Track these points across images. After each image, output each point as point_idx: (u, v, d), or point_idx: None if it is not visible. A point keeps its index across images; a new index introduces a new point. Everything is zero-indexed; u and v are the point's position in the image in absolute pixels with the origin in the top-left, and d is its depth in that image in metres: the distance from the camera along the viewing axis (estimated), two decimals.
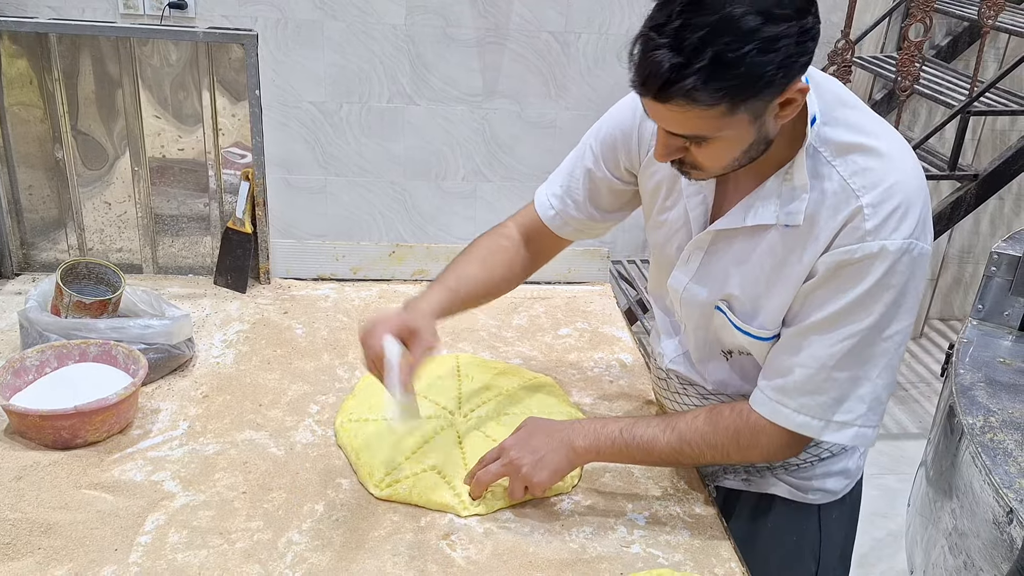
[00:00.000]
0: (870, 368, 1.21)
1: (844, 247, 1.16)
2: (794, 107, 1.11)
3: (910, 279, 1.16)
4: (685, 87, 1.03)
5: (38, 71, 1.86)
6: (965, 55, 3.86)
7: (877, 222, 1.14)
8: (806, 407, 1.23)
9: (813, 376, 1.21)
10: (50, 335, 1.58)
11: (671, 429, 1.31)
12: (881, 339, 1.19)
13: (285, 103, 2.95)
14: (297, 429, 1.53)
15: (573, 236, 1.53)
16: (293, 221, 3.08)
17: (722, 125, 1.08)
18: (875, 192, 1.14)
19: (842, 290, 1.17)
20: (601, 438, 1.33)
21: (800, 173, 1.17)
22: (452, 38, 2.71)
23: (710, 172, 1.19)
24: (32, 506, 1.31)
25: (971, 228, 4.36)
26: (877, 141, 1.17)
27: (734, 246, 1.27)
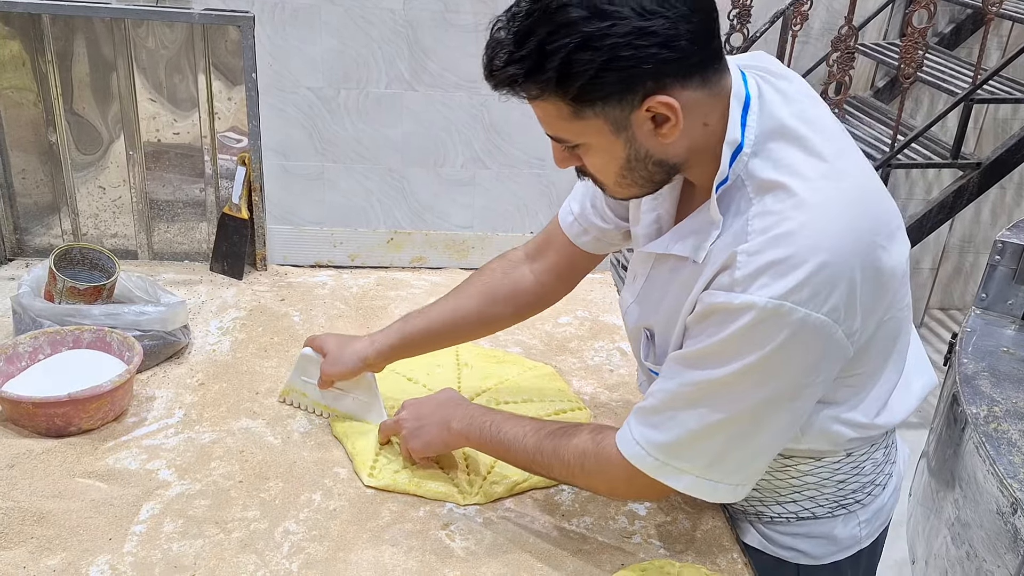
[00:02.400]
0: (718, 427, 1.08)
1: (713, 291, 1.06)
2: (670, 126, 1.02)
3: (783, 347, 1.01)
4: (508, 73, 1.00)
5: (31, 53, 1.84)
6: (968, 42, 3.84)
7: (747, 273, 1.01)
8: (647, 439, 1.13)
9: (659, 408, 1.12)
10: (43, 321, 1.56)
11: (534, 434, 1.24)
12: (732, 399, 1.07)
13: (282, 88, 2.92)
14: (294, 418, 1.51)
15: (595, 248, 1.41)
16: (290, 207, 3.06)
17: (577, 130, 1.04)
18: (761, 239, 1.01)
19: (705, 334, 1.07)
20: (473, 426, 1.30)
21: (713, 207, 1.08)
22: (451, 23, 2.68)
23: (609, 187, 1.13)
24: (25, 495, 1.29)
25: (972, 217, 4.34)
26: (801, 183, 1.02)
27: (664, 272, 1.19)
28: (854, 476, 1.29)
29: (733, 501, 1.17)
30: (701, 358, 1.07)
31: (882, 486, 1.35)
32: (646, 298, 1.24)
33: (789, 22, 3.34)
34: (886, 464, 1.36)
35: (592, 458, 1.19)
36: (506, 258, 1.48)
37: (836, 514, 1.30)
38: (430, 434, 1.35)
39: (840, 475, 1.28)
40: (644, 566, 1.21)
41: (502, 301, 1.45)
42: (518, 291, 1.45)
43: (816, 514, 1.30)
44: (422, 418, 1.36)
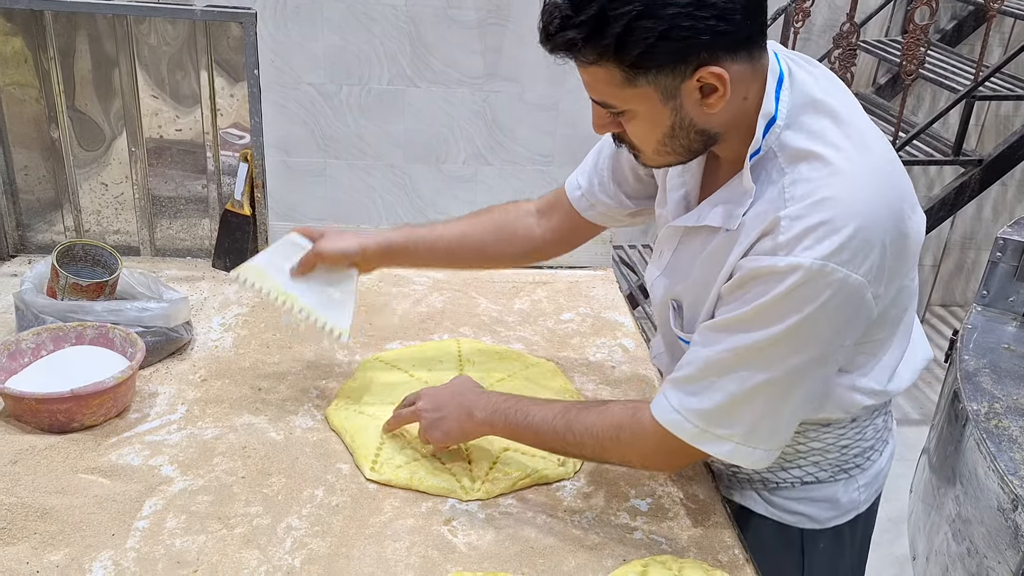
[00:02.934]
0: (759, 391, 1.11)
1: (756, 256, 1.08)
2: (719, 97, 1.05)
3: (823, 307, 1.04)
4: (567, 37, 1.03)
5: (33, 49, 1.84)
6: (970, 39, 3.84)
7: (790, 236, 1.04)
8: (685, 406, 1.15)
9: (696, 376, 1.14)
10: (46, 317, 1.57)
11: (562, 415, 1.26)
12: (772, 362, 1.09)
13: (284, 84, 2.92)
14: (296, 414, 1.52)
15: (599, 220, 1.47)
16: (292, 203, 3.06)
17: (627, 97, 1.07)
18: (801, 204, 1.05)
19: (745, 299, 1.09)
20: (497, 413, 1.31)
21: (747, 175, 1.11)
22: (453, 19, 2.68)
23: (646, 155, 1.16)
24: (28, 491, 1.29)
25: (973, 214, 4.34)
26: (835, 152, 1.07)
27: (695, 245, 1.22)
28: (856, 441, 1.33)
29: (764, 466, 1.19)
30: (742, 323, 1.10)
31: (880, 451, 1.40)
32: (674, 270, 1.27)
33: (791, 19, 3.34)
34: (884, 430, 1.40)
35: (628, 431, 1.20)
36: (519, 205, 1.52)
37: (838, 478, 1.35)
38: (451, 424, 1.34)
39: (845, 440, 1.32)
40: (646, 562, 1.21)
41: (508, 240, 1.50)
42: (525, 237, 1.50)
43: (820, 478, 1.34)
44: (441, 408, 1.35)
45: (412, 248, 1.49)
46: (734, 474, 1.39)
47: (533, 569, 1.22)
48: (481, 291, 1.97)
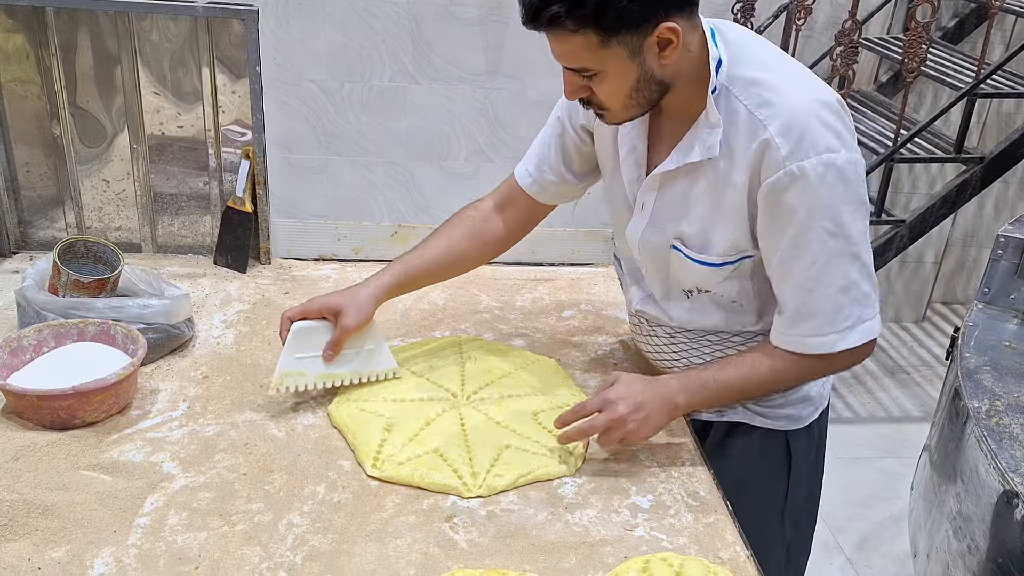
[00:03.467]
0: (849, 272, 1.31)
1: (769, 179, 1.27)
2: (673, 49, 1.24)
3: (844, 187, 1.27)
4: (551, 12, 1.19)
5: (35, 46, 1.84)
6: (971, 37, 3.83)
7: (790, 147, 1.25)
8: (813, 329, 1.34)
9: (805, 301, 1.33)
10: (47, 314, 1.57)
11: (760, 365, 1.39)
12: (848, 245, 1.30)
13: (286, 81, 2.92)
14: (298, 410, 1.52)
15: (551, 200, 1.64)
16: (294, 201, 3.06)
17: (601, 59, 1.24)
18: (779, 121, 1.26)
19: (785, 219, 1.29)
20: (696, 392, 1.40)
21: (712, 111, 1.31)
22: (455, 16, 2.68)
23: (613, 112, 1.33)
24: (30, 487, 1.29)
25: (975, 211, 4.34)
26: (776, 74, 1.30)
27: (676, 187, 1.39)
28: None
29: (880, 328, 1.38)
30: (800, 240, 1.29)
31: None
32: (659, 218, 1.42)
33: (793, 16, 3.33)
34: None
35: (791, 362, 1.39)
36: (478, 208, 1.66)
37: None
38: (658, 418, 1.38)
39: None
40: (647, 559, 1.21)
41: (482, 244, 1.64)
42: (494, 236, 1.65)
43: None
44: (642, 406, 1.36)
45: (409, 281, 1.60)
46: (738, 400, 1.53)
47: (534, 566, 1.22)
48: (483, 288, 1.97)
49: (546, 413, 1.50)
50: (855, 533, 3.03)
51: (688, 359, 1.53)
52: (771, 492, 1.59)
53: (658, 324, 1.55)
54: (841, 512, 3.12)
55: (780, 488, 1.59)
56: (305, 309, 1.52)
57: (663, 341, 1.56)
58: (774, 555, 1.63)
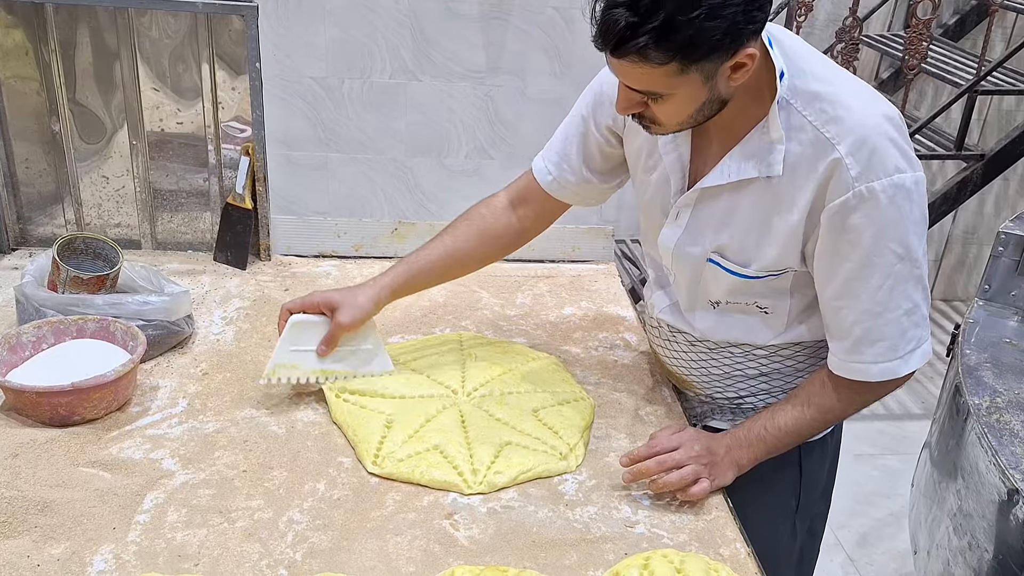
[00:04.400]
0: (913, 295, 1.29)
1: (838, 199, 1.23)
2: (744, 71, 1.18)
3: (911, 208, 1.24)
4: (638, 44, 1.11)
5: (34, 42, 1.84)
6: (972, 34, 3.83)
7: (860, 168, 1.21)
8: (878, 355, 1.31)
9: (872, 327, 1.30)
10: (47, 311, 1.56)
11: (808, 406, 1.38)
12: (913, 268, 1.27)
13: (286, 78, 2.92)
14: (298, 407, 1.52)
15: (571, 200, 1.58)
16: (294, 197, 3.06)
17: (674, 84, 1.17)
18: (849, 140, 1.21)
19: (852, 240, 1.25)
20: (755, 447, 1.38)
21: (775, 126, 1.25)
22: (455, 13, 2.67)
23: (667, 127, 1.27)
24: (29, 484, 1.29)
25: (975, 209, 4.33)
26: (840, 89, 1.25)
27: (721, 202, 1.34)
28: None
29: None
30: (869, 261, 1.25)
31: None
32: (697, 230, 1.38)
33: (794, 12, 3.33)
34: None
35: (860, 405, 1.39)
36: (491, 204, 1.60)
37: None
38: (728, 475, 1.37)
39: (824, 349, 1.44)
40: (647, 556, 1.21)
41: (492, 241, 1.59)
42: (508, 233, 1.59)
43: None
44: (715, 466, 1.35)
45: (413, 282, 1.57)
46: (753, 407, 1.53)
47: (535, 563, 1.21)
48: (483, 285, 1.97)
49: (546, 410, 1.50)
50: (856, 530, 3.03)
51: (707, 369, 1.52)
52: (784, 505, 1.57)
53: (679, 331, 1.53)
54: (842, 509, 3.11)
55: (792, 501, 1.57)
56: (304, 303, 1.52)
57: (682, 349, 1.54)
58: (786, 562, 1.63)
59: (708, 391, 1.56)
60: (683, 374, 1.57)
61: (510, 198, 1.60)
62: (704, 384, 1.55)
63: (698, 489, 1.31)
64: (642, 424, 1.53)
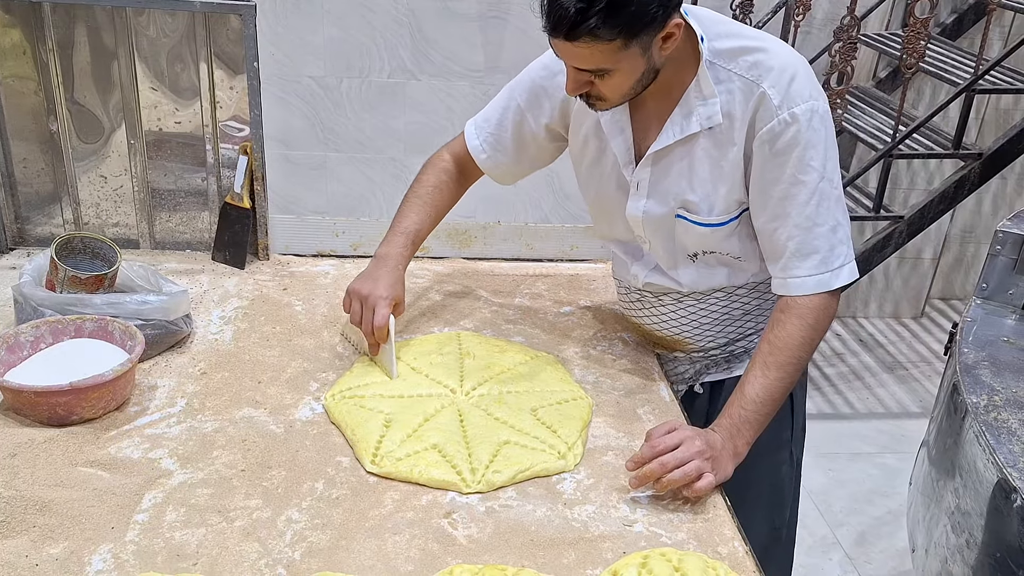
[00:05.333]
0: (836, 212, 1.43)
1: (765, 127, 1.38)
2: (673, 40, 1.33)
3: (826, 132, 1.40)
4: (589, 26, 1.24)
5: (32, 41, 1.84)
6: (970, 33, 3.83)
7: (781, 96, 1.37)
8: (812, 268, 1.43)
9: (804, 240, 1.42)
10: (45, 310, 1.56)
11: (767, 368, 1.43)
12: (832, 187, 1.42)
13: (284, 77, 2.91)
14: (296, 407, 1.52)
15: (500, 179, 1.74)
16: (292, 196, 3.06)
17: (619, 58, 1.30)
18: (771, 76, 1.38)
19: (782, 161, 1.39)
20: (744, 431, 1.41)
21: (706, 83, 1.41)
22: (453, 12, 2.67)
23: (611, 101, 1.40)
24: (27, 484, 1.29)
25: (973, 208, 4.34)
26: (755, 41, 1.42)
27: (673, 162, 1.48)
28: None
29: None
30: (796, 179, 1.39)
31: None
32: (658, 193, 1.51)
33: (791, 12, 3.33)
34: None
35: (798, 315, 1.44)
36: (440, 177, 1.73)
37: None
38: (729, 467, 1.39)
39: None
40: (646, 554, 1.21)
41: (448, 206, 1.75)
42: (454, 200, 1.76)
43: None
44: (716, 460, 1.36)
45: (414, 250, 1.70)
46: (744, 350, 1.66)
47: (533, 562, 1.22)
48: (481, 284, 1.97)
49: (544, 409, 1.50)
50: (854, 528, 3.04)
51: (698, 320, 1.64)
52: (780, 433, 1.67)
53: (665, 293, 1.64)
54: (840, 507, 3.12)
55: (786, 429, 1.69)
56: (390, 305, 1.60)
57: (670, 308, 1.65)
58: (788, 494, 1.75)
59: (701, 343, 1.67)
60: (674, 334, 1.68)
61: (456, 165, 1.73)
62: (697, 337, 1.66)
63: (703, 484, 1.32)
64: (640, 423, 1.53)
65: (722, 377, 1.69)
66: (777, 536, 1.77)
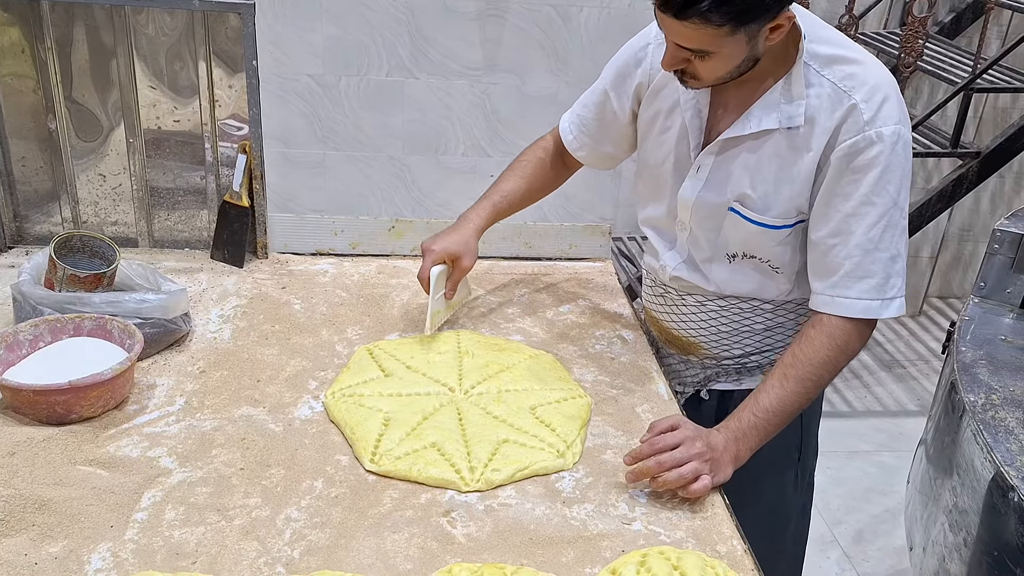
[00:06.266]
0: (899, 243, 1.40)
1: (849, 140, 1.35)
2: (781, 32, 1.30)
3: (907, 159, 1.37)
4: (701, 9, 1.22)
5: (30, 40, 1.83)
6: (968, 32, 3.83)
7: (872, 113, 1.34)
8: (863, 292, 1.40)
9: (862, 262, 1.39)
10: (44, 309, 1.56)
11: (786, 380, 1.41)
12: (901, 217, 1.39)
13: (283, 76, 2.90)
14: (295, 405, 1.52)
15: (590, 162, 1.75)
16: (291, 195, 3.04)
17: (724, 43, 1.28)
18: (864, 90, 1.35)
19: (858, 178, 1.36)
20: (750, 437, 1.40)
21: (798, 83, 1.38)
22: (452, 10, 2.67)
23: (705, 82, 1.38)
24: (26, 482, 1.29)
25: (971, 206, 4.34)
26: (853, 52, 1.39)
27: (740, 153, 1.45)
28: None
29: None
30: (868, 200, 1.36)
31: None
32: (718, 181, 1.48)
33: None
34: None
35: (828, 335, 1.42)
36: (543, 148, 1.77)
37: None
38: (728, 470, 1.38)
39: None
40: (644, 553, 1.21)
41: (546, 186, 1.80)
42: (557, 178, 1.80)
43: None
44: (715, 462, 1.35)
45: (495, 220, 1.74)
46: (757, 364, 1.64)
47: (532, 560, 1.22)
48: (480, 283, 1.97)
49: (543, 408, 1.50)
50: (851, 527, 3.04)
51: (716, 326, 1.62)
52: (787, 451, 1.65)
53: (689, 293, 1.62)
54: (838, 506, 3.12)
55: (794, 450, 1.67)
56: (435, 257, 1.65)
57: (692, 310, 1.63)
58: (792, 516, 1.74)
59: (716, 351, 1.64)
60: (691, 336, 1.66)
61: (555, 145, 1.76)
62: (712, 343, 1.64)
63: (699, 486, 1.32)
64: (639, 421, 1.53)
65: (731, 387, 1.67)
66: (776, 559, 1.73)
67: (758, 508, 1.60)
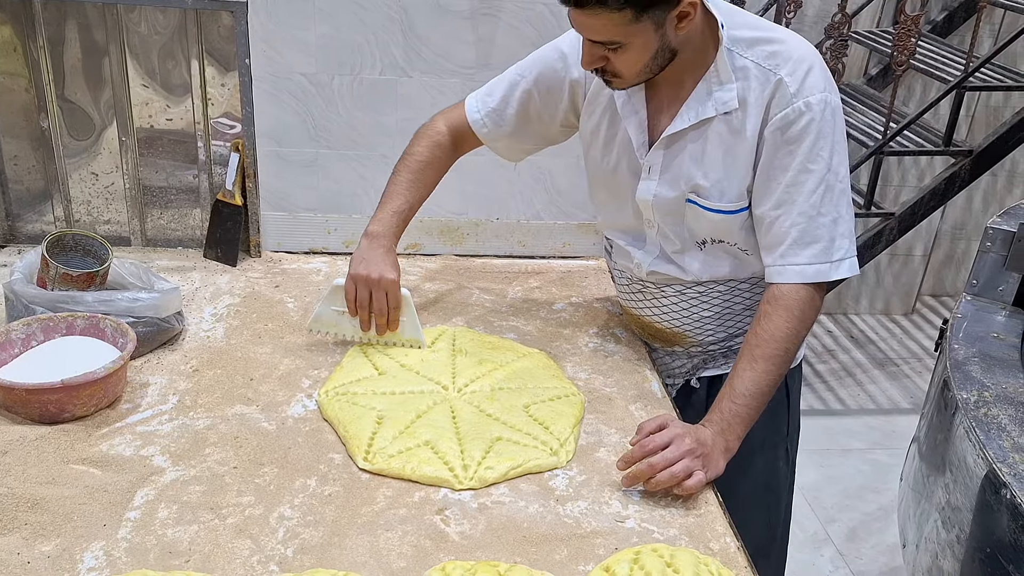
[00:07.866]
0: (840, 206, 1.44)
1: (779, 113, 1.41)
2: (689, 20, 1.35)
3: (837, 125, 1.42)
4: None
5: (22, 38, 1.83)
6: (961, 30, 3.84)
7: (797, 85, 1.40)
8: (812, 257, 1.44)
9: (807, 228, 1.43)
10: (36, 308, 1.56)
11: (754, 361, 1.43)
12: (838, 180, 1.43)
13: (276, 74, 2.90)
14: (289, 404, 1.52)
15: (504, 154, 1.76)
16: (284, 193, 3.04)
17: (630, 32, 1.32)
18: (788, 65, 1.41)
19: (792, 149, 1.41)
20: (735, 425, 1.41)
21: (724, 69, 1.43)
22: (445, 9, 2.67)
23: (627, 79, 1.42)
24: (19, 481, 1.29)
25: (964, 204, 4.35)
26: (774, 32, 1.45)
27: (686, 146, 1.49)
28: None
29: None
30: (805, 168, 1.41)
31: None
32: (670, 176, 1.51)
33: (783, 9, 3.33)
34: None
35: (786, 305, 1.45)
36: (438, 144, 1.72)
37: None
38: (720, 463, 1.39)
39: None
40: (638, 550, 1.21)
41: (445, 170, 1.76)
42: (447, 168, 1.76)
43: None
44: (707, 457, 1.36)
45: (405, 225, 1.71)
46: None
47: (525, 558, 1.22)
48: (474, 281, 1.97)
49: (537, 406, 1.50)
50: (845, 524, 3.05)
51: (699, 313, 1.63)
52: (776, 429, 1.70)
53: (667, 284, 1.63)
54: (831, 503, 3.13)
55: (783, 425, 1.71)
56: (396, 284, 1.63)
57: (672, 300, 1.65)
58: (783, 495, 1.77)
59: (700, 337, 1.67)
60: (675, 327, 1.67)
61: (452, 139, 1.72)
62: (696, 330, 1.66)
63: (692, 483, 1.32)
64: (632, 419, 1.53)
65: (719, 372, 1.69)
66: (773, 534, 1.78)
67: (753, 488, 1.65)
